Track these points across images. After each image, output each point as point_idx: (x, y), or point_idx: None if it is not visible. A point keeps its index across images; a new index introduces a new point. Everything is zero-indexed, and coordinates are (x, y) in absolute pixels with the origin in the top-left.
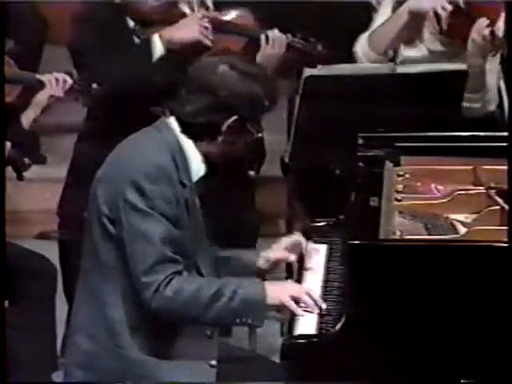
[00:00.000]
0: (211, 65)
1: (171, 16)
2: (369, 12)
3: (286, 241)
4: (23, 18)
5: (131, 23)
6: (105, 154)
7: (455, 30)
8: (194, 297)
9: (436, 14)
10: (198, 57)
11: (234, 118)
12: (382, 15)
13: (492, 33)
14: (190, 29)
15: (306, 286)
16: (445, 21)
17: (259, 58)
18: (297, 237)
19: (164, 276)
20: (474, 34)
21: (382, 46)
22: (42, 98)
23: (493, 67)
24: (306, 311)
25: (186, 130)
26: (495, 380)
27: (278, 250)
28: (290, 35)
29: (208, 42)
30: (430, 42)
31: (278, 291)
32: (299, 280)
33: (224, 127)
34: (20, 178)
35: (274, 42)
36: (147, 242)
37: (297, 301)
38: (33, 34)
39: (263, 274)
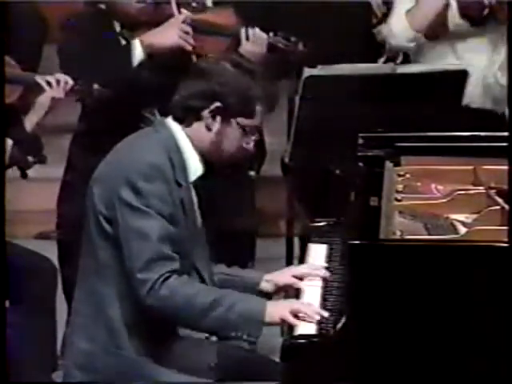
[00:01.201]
0: (214, 59)
1: (157, 17)
2: (363, 11)
3: (297, 269)
4: (23, 18)
5: (118, 27)
6: (98, 154)
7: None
8: (188, 300)
9: None
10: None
11: (217, 104)
12: None
13: None
14: (170, 34)
15: (306, 300)
16: None
17: None
18: (309, 269)
19: (159, 274)
20: None
21: (423, 23)
22: (44, 100)
23: None
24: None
25: (175, 114)
26: (495, 377)
27: (287, 276)
28: (271, 34)
29: (189, 47)
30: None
31: (278, 309)
32: (298, 294)
33: (206, 112)
34: (24, 176)
35: (255, 40)
36: (143, 239)
37: (296, 314)
38: (33, 34)
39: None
